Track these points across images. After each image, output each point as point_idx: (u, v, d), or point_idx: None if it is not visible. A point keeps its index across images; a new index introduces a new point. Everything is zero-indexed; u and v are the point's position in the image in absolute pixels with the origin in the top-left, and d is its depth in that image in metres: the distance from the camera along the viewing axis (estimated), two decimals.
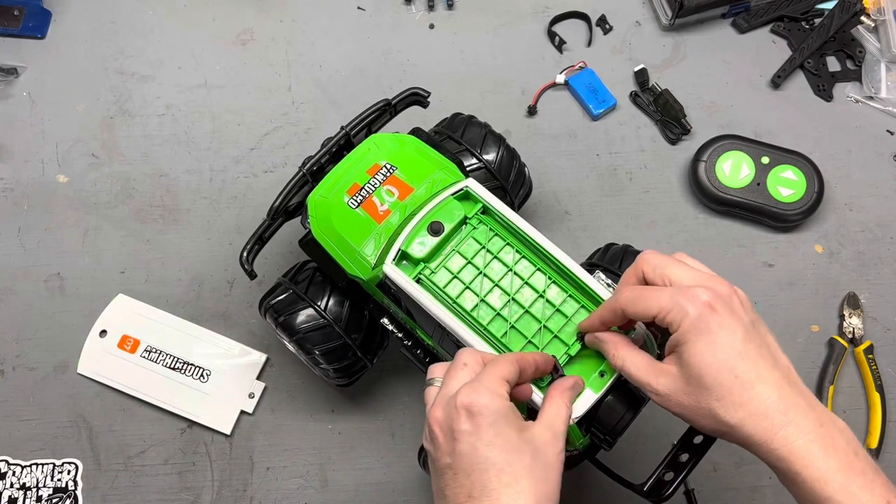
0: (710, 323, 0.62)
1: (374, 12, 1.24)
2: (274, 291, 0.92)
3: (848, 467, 0.59)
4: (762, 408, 0.61)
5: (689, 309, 0.63)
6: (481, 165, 0.95)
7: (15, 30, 1.19)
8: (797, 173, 1.09)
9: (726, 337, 0.62)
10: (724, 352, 0.62)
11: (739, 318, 0.63)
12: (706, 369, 0.62)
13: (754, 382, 0.61)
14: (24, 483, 0.99)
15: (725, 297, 0.64)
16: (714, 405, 0.62)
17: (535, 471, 0.62)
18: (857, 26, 1.21)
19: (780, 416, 0.60)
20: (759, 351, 0.63)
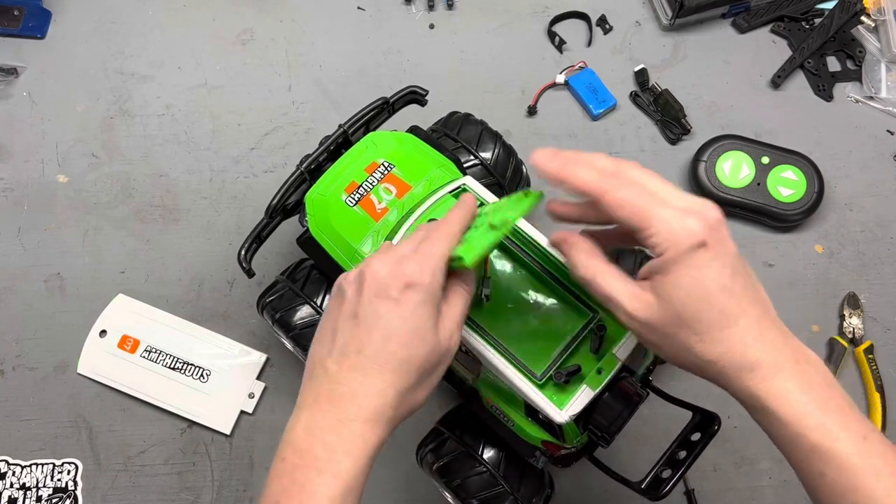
0: (700, 257, 0.58)
1: (374, 12, 1.24)
2: (272, 289, 0.92)
3: (823, 404, 0.58)
4: (741, 344, 0.58)
5: (680, 239, 0.58)
6: (478, 162, 0.95)
7: (15, 30, 1.19)
8: (797, 173, 1.09)
9: (714, 272, 0.58)
10: (710, 288, 0.58)
11: (728, 250, 0.59)
12: (689, 304, 0.58)
13: (738, 318, 0.58)
14: (24, 483, 0.99)
15: (716, 227, 0.59)
16: (692, 339, 0.59)
17: (426, 361, 0.63)
18: (858, 26, 1.21)
19: (758, 353, 0.58)
20: (745, 286, 0.59)
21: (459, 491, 0.85)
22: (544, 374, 0.72)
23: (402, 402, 0.63)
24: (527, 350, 0.74)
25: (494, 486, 0.84)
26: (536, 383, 0.72)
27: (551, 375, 0.72)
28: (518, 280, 0.78)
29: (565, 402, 0.72)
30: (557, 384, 0.72)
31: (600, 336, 0.73)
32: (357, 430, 0.61)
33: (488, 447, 0.86)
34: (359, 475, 0.61)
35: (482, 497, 0.84)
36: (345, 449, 0.61)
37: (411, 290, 0.62)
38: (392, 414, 0.62)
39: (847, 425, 0.57)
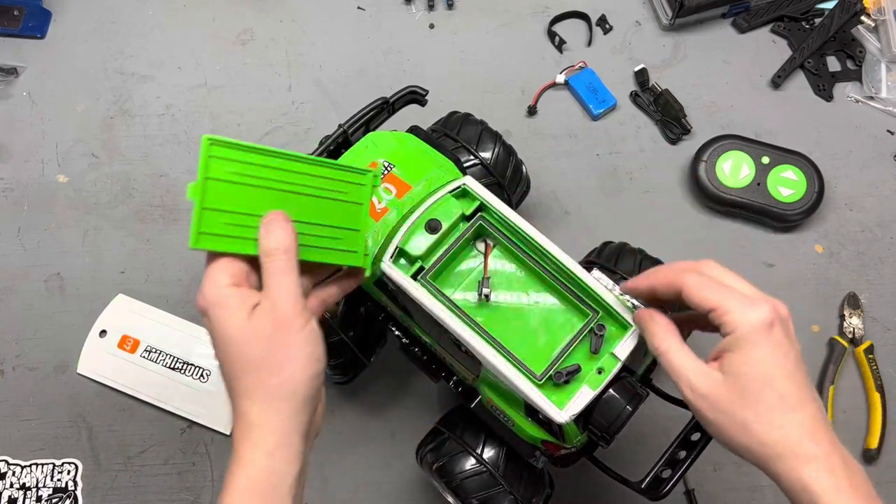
0: (767, 337, 0.61)
1: (374, 12, 1.24)
2: None
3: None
4: (797, 433, 0.60)
5: (752, 316, 0.62)
6: (478, 162, 0.95)
7: (15, 30, 1.19)
8: (797, 173, 1.09)
9: (780, 356, 0.61)
10: (775, 370, 0.61)
11: (793, 342, 0.63)
12: (753, 382, 0.61)
13: (796, 407, 0.61)
14: (24, 483, 0.99)
15: (785, 319, 0.63)
16: (751, 419, 0.61)
17: (267, 360, 0.61)
18: (858, 26, 1.21)
19: (813, 447, 0.60)
20: (805, 380, 0.62)
21: (459, 491, 0.85)
22: (544, 373, 0.72)
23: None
24: (527, 350, 0.74)
25: (494, 485, 0.84)
26: (536, 383, 0.72)
27: (551, 375, 0.72)
28: (518, 280, 0.78)
29: (565, 401, 0.71)
30: (557, 384, 0.72)
31: (600, 336, 0.73)
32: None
33: (488, 447, 0.86)
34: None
35: (482, 497, 0.84)
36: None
37: (206, 314, 0.63)
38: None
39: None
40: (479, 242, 0.80)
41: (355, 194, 0.71)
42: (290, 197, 0.67)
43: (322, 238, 0.69)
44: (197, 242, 0.64)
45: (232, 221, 0.65)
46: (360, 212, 0.71)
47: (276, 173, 0.67)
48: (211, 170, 0.64)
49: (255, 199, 0.66)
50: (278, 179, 0.67)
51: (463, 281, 0.78)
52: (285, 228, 0.64)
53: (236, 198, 0.65)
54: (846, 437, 1.01)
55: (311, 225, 0.68)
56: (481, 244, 0.80)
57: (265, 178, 0.66)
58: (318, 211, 0.69)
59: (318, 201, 0.69)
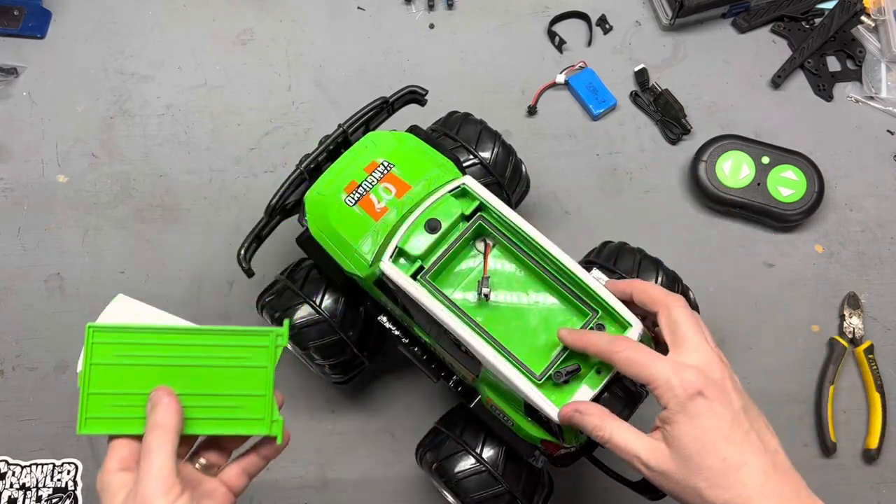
0: (698, 407, 0.64)
1: (374, 12, 1.24)
2: (271, 288, 0.92)
3: None
4: (745, 492, 0.62)
5: (679, 392, 0.64)
6: (477, 162, 0.95)
7: (15, 30, 1.19)
8: (797, 173, 1.09)
9: (714, 422, 0.64)
10: (711, 436, 0.63)
11: (729, 403, 0.65)
12: (694, 452, 0.63)
13: (740, 467, 0.62)
14: (24, 483, 0.99)
15: (717, 383, 0.65)
16: (701, 486, 0.63)
17: None
18: (858, 26, 1.21)
19: (762, 502, 0.62)
20: (747, 436, 0.64)
21: (459, 490, 0.85)
22: (544, 373, 0.72)
23: None
24: (526, 350, 0.74)
25: (494, 485, 0.84)
26: (536, 383, 0.72)
27: (551, 375, 0.72)
28: (518, 280, 0.78)
29: (564, 401, 0.72)
30: (557, 384, 0.72)
31: None
32: None
33: (488, 447, 0.86)
34: None
35: (481, 496, 0.84)
36: None
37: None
38: None
39: None
40: (478, 242, 0.80)
41: (258, 357, 0.70)
42: (181, 371, 0.68)
43: (219, 409, 0.69)
44: (83, 428, 0.67)
45: (119, 403, 0.67)
46: (264, 376, 0.70)
47: (165, 349, 0.68)
48: (95, 356, 0.67)
49: (143, 378, 0.67)
50: (168, 355, 0.68)
51: (462, 281, 0.79)
52: (167, 405, 0.65)
53: (123, 379, 0.67)
54: (846, 437, 1.01)
55: (207, 396, 0.68)
56: (481, 244, 0.80)
57: (153, 355, 0.68)
58: (213, 381, 0.69)
59: (214, 371, 0.69)
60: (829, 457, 1.00)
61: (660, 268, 0.91)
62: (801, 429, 1.02)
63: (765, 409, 0.96)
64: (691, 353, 0.67)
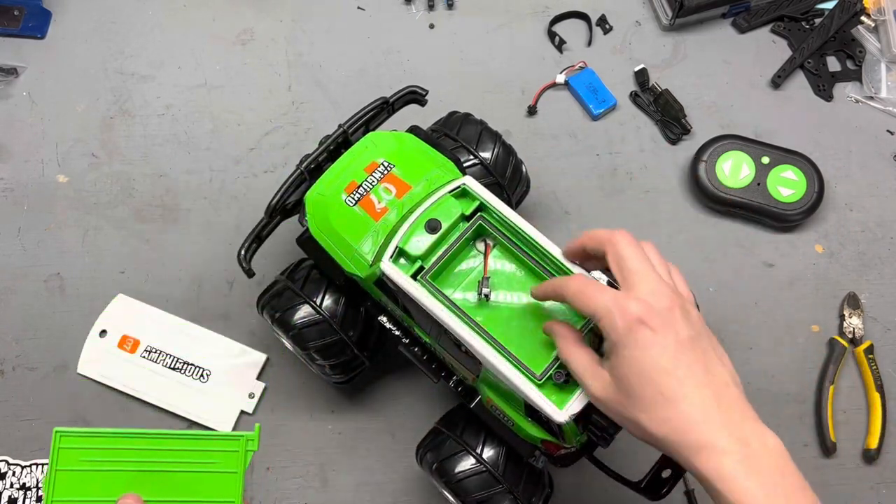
0: (637, 339, 0.63)
1: (374, 12, 1.24)
2: (271, 289, 0.92)
3: (771, 491, 0.59)
4: (684, 425, 0.61)
5: (618, 322, 0.64)
6: (477, 162, 0.95)
7: (15, 30, 1.19)
8: (797, 173, 1.09)
9: (654, 353, 0.63)
10: (649, 369, 0.62)
11: (674, 333, 0.63)
12: (632, 383, 0.63)
13: (678, 400, 0.62)
14: (24, 483, 0.99)
15: (662, 312, 0.64)
16: (640, 416, 0.63)
17: None
18: (857, 26, 1.21)
19: (703, 435, 0.61)
20: (690, 368, 0.63)
21: (459, 490, 0.85)
22: (544, 373, 0.72)
23: None
24: (526, 350, 0.74)
25: (494, 485, 0.84)
26: (536, 383, 0.72)
27: (551, 375, 0.72)
28: (518, 280, 0.78)
29: (565, 401, 0.72)
30: (557, 384, 0.72)
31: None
32: None
33: (488, 447, 0.86)
34: None
35: (482, 496, 0.84)
36: None
37: None
38: None
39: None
40: (478, 242, 0.80)
41: (227, 463, 0.69)
42: (149, 476, 0.68)
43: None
44: None
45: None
46: (234, 481, 0.69)
47: (132, 454, 0.68)
48: (61, 461, 0.66)
49: (110, 484, 0.67)
50: (136, 460, 0.68)
51: (463, 281, 0.79)
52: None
53: (90, 485, 0.67)
54: (846, 437, 1.01)
55: (175, 502, 0.68)
56: (481, 244, 0.80)
57: (120, 460, 0.67)
58: (182, 486, 0.68)
59: (183, 476, 0.69)
60: (828, 457, 1.00)
61: None
62: (801, 429, 1.02)
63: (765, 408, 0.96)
64: (637, 284, 0.66)
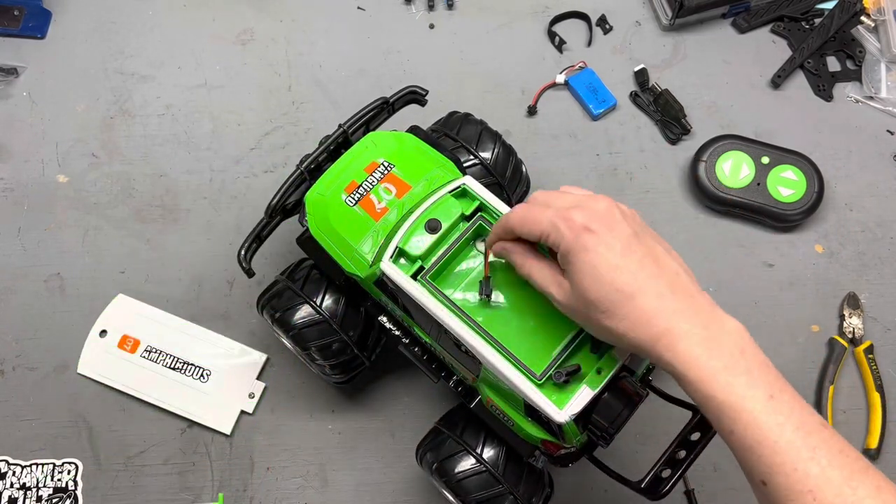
0: (586, 243, 0.64)
1: (374, 12, 1.24)
2: (271, 289, 0.92)
3: (731, 367, 0.61)
4: (644, 316, 0.63)
5: (565, 231, 0.65)
6: (477, 162, 0.95)
7: (15, 30, 1.19)
8: (797, 173, 1.09)
9: (603, 253, 0.64)
10: (602, 268, 0.64)
11: (618, 233, 0.65)
12: (588, 286, 0.64)
13: (634, 294, 0.63)
14: (24, 483, 0.99)
15: (603, 214, 0.66)
16: (601, 317, 0.65)
17: None
18: (857, 26, 1.21)
19: (662, 323, 0.62)
20: (641, 262, 0.65)
21: (459, 490, 0.85)
22: (544, 373, 0.72)
23: None
24: (526, 350, 0.74)
25: (494, 485, 0.84)
26: (536, 383, 0.72)
27: (551, 375, 0.72)
28: (518, 280, 0.78)
29: (565, 401, 0.72)
30: (557, 384, 0.72)
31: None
32: None
33: (488, 447, 0.86)
34: None
35: (482, 496, 0.84)
36: None
37: None
38: None
39: (754, 385, 0.60)
40: (478, 242, 0.80)
41: None
42: None
43: None
44: None
45: None
46: None
47: None
48: None
49: None
50: None
51: (463, 281, 0.79)
52: None
53: None
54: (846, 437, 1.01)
55: None
56: (481, 244, 0.80)
57: None
58: None
59: None
60: None
61: None
62: None
63: None
64: (566, 201, 0.68)
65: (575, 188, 0.71)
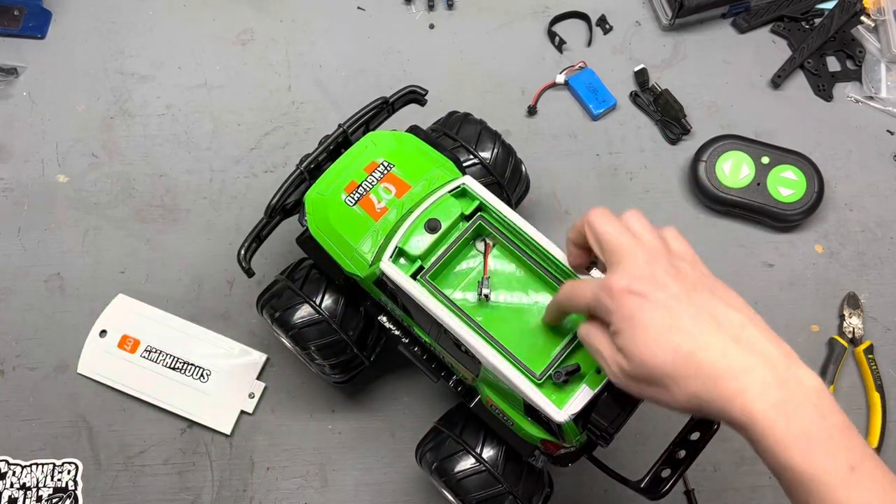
0: (631, 307, 0.60)
1: (374, 12, 1.24)
2: (271, 288, 0.92)
3: (811, 433, 0.55)
4: (711, 375, 0.57)
5: (608, 301, 0.62)
6: (477, 162, 0.95)
7: (15, 30, 1.19)
8: (797, 173, 1.09)
9: (651, 316, 0.60)
10: (653, 332, 0.59)
11: (664, 291, 0.61)
12: (643, 354, 0.59)
13: (695, 352, 0.58)
14: (24, 483, 0.99)
15: (646, 276, 0.61)
16: (667, 383, 0.59)
17: None
18: (857, 26, 1.21)
19: (731, 384, 0.57)
20: (696, 318, 0.59)
21: (458, 490, 0.85)
22: (543, 373, 0.72)
23: None
24: (526, 350, 0.74)
25: (494, 485, 0.84)
26: (536, 383, 0.72)
27: (550, 375, 0.72)
28: (518, 280, 0.78)
29: (564, 401, 0.72)
30: (557, 383, 0.72)
31: None
32: None
33: (487, 446, 0.86)
34: None
35: (481, 496, 0.84)
36: None
37: None
38: None
39: (835, 453, 0.55)
40: (478, 242, 0.80)
41: None
42: None
43: None
44: None
45: None
46: None
47: None
48: None
49: None
50: None
51: (462, 280, 0.79)
52: None
53: None
54: None
55: None
56: (481, 244, 0.80)
57: None
58: None
59: None
60: None
61: None
62: None
63: None
64: (620, 259, 0.63)
65: (637, 220, 0.67)
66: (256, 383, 1.03)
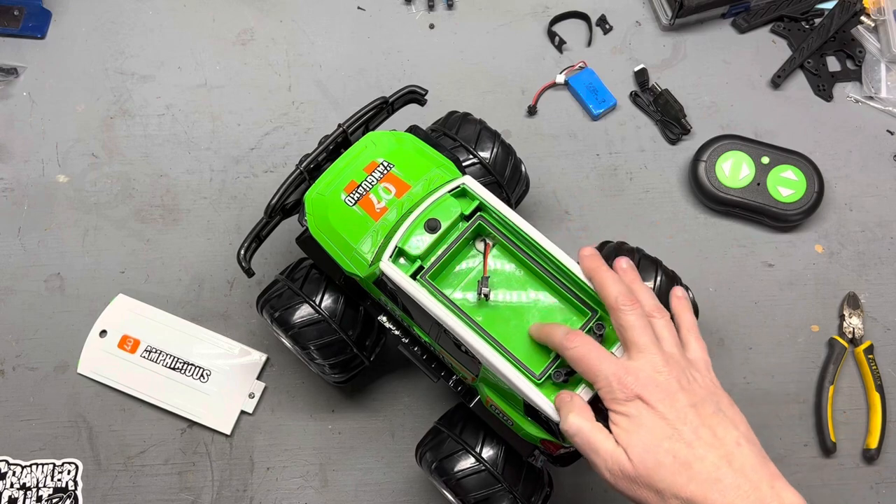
0: (638, 411, 0.65)
1: (374, 12, 1.24)
2: (271, 288, 0.92)
3: None
4: (702, 488, 0.62)
5: (619, 395, 0.66)
6: (477, 161, 0.95)
7: (15, 30, 1.19)
8: (797, 173, 1.09)
9: (655, 423, 0.64)
10: (655, 437, 0.64)
11: (672, 403, 0.65)
12: (644, 454, 0.64)
13: (692, 463, 0.63)
14: (24, 483, 0.99)
15: (661, 385, 0.66)
16: (653, 496, 0.64)
17: None
18: (857, 26, 1.21)
19: (718, 498, 0.61)
20: (696, 432, 0.64)
21: (458, 489, 0.85)
22: (543, 373, 0.72)
23: None
24: (526, 349, 0.75)
25: (493, 484, 0.84)
26: (536, 382, 0.72)
27: (550, 374, 0.72)
28: (518, 279, 0.78)
29: None
30: (556, 383, 0.72)
31: (599, 335, 0.73)
32: None
33: (487, 446, 0.86)
34: None
35: (481, 496, 0.84)
36: None
37: None
38: None
39: None
40: (478, 242, 0.80)
41: None
42: None
43: None
44: None
45: None
46: None
47: None
48: None
49: None
50: None
51: (462, 280, 0.79)
52: None
53: None
54: (846, 437, 1.01)
55: None
56: (480, 243, 0.80)
57: None
58: None
59: None
60: (828, 457, 1.00)
61: (659, 268, 0.91)
62: (801, 429, 1.02)
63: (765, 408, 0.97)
64: (638, 356, 0.68)
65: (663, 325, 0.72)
66: (256, 383, 1.03)
